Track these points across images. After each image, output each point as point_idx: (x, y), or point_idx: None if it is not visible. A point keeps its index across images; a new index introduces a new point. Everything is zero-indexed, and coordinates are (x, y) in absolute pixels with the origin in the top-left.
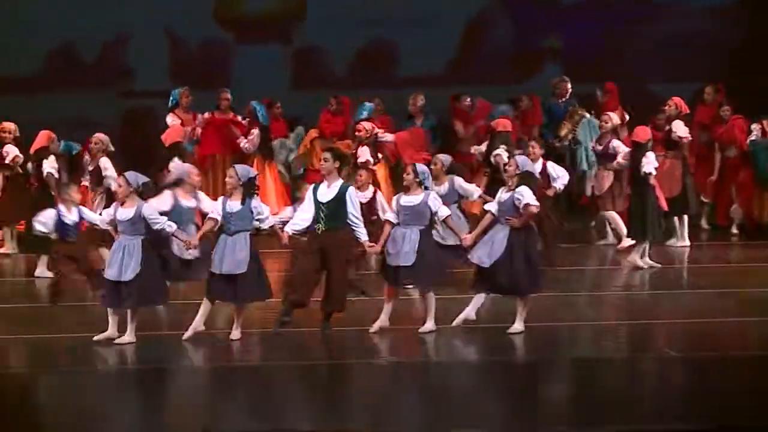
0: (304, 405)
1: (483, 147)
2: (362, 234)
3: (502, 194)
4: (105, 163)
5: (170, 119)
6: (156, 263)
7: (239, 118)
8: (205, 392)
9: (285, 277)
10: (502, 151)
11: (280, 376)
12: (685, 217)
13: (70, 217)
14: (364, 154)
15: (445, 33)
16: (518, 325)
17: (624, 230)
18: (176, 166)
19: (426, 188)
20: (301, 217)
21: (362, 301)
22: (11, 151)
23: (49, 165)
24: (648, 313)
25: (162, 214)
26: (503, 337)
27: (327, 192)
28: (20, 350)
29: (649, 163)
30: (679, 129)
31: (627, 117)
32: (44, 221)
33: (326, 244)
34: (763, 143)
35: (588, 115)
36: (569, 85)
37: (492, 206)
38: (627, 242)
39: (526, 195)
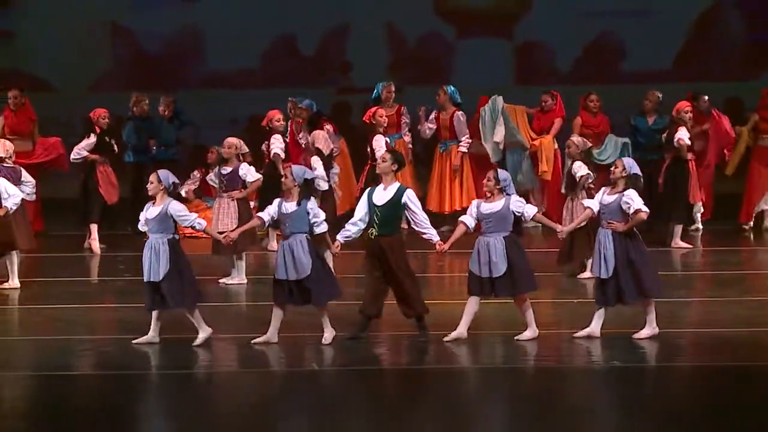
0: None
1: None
2: (433, 235)
3: (605, 196)
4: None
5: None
6: (186, 263)
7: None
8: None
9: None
10: (684, 135)
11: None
12: None
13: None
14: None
15: (673, 26)
16: (648, 330)
17: None
18: None
19: (508, 194)
20: (353, 221)
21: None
22: (250, 174)
23: (278, 145)
24: None
25: None
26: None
27: (383, 194)
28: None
29: None
30: None
31: None
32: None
33: (379, 248)
34: None
35: None
36: None
37: (593, 204)
38: None
39: (635, 200)
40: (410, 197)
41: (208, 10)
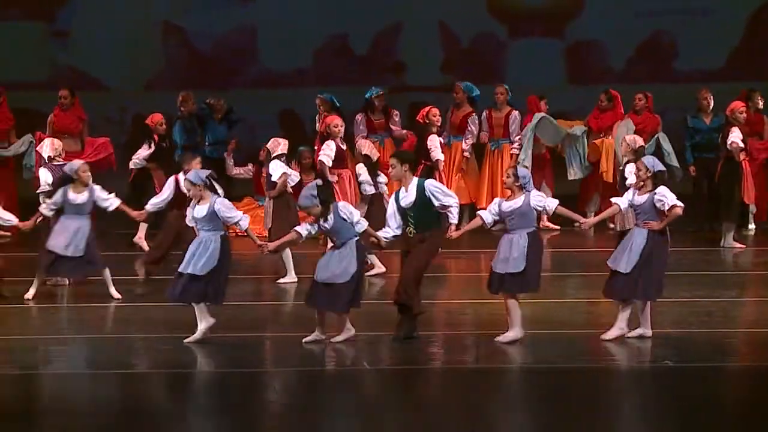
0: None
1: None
2: (453, 216)
3: (636, 197)
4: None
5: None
6: (230, 263)
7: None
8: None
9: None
10: (737, 137)
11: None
12: None
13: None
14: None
15: (727, 24)
16: (646, 330)
17: None
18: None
19: (528, 191)
20: (385, 230)
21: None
22: (276, 172)
23: (326, 152)
24: None
25: None
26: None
27: (407, 195)
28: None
29: None
30: None
31: None
32: None
33: (415, 242)
34: None
35: None
36: None
37: (621, 201)
38: None
39: (669, 196)
40: (431, 188)
41: (260, 9)
